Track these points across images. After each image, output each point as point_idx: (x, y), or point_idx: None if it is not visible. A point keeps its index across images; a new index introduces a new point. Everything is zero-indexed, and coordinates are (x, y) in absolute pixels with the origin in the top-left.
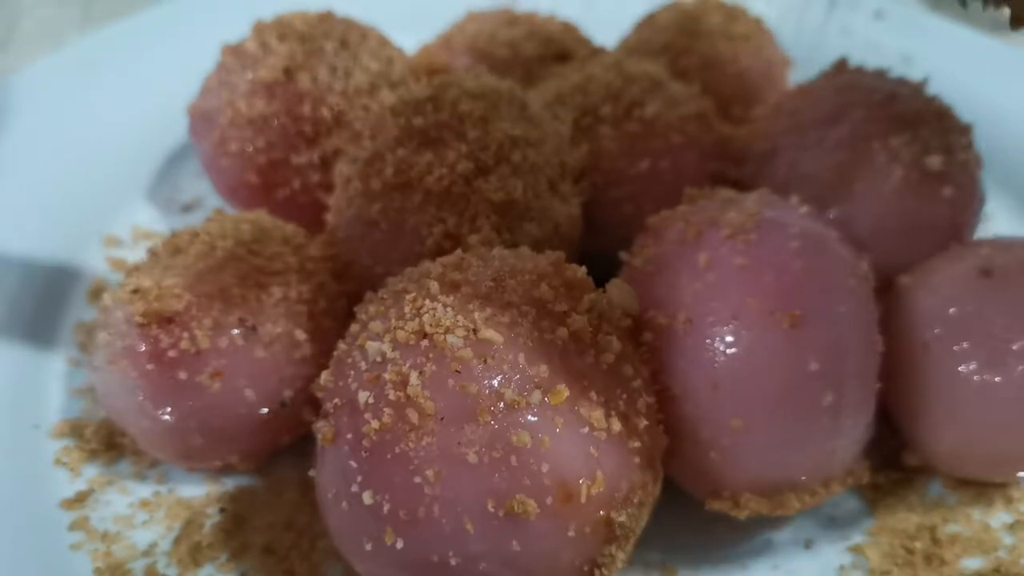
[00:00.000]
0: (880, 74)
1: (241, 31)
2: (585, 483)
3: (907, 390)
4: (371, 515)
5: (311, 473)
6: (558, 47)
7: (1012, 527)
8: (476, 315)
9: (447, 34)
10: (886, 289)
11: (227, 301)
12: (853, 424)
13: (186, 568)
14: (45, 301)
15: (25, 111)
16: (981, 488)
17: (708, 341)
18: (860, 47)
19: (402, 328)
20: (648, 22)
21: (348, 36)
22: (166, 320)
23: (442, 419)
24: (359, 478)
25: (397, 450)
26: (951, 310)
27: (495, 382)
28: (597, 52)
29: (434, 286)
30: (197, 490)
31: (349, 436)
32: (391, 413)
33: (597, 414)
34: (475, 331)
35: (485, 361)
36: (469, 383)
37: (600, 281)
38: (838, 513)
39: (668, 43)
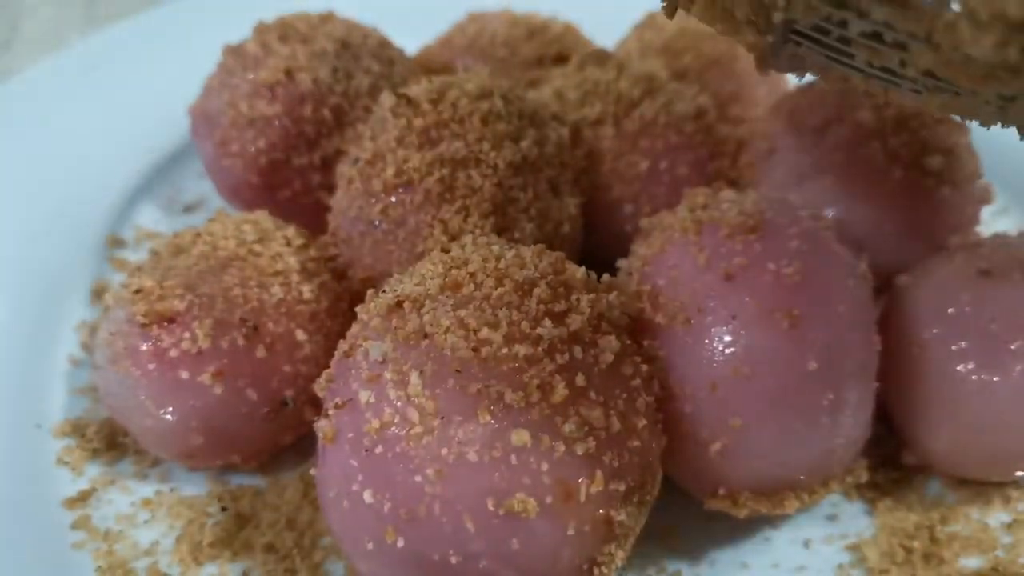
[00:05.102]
0: None
1: (243, 32)
2: (584, 482)
3: (905, 390)
4: (372, 514)
5: (312, 472)
6: (558, 48)
7: (1010, 526)
8: (476, 314)
9: (448, 35)
10: (885, 289)
11: (229, 301)
12: (852, 423)
13: (188, 567)
14: (48, 301)
15: (28, 112)
16: (979, 487)
17: (707, 341)
18: None
19: (403, 327)
20: (648, 23)
21: (349, 37)
22: (168, 320)
23: (442, 418)
24: (360, 477)
25: (398, 449)
26: (949, 310)
27: (494, 381)
28: (597, 52)
29: (434, 285)
30: (199, 489)
31: (350, 435)
32: (392, 412)
33: (596, 413)
34: (475, 331)
35: (485, 360)
36: (469, 382)
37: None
38: (837, 512)
39: (667, 43)
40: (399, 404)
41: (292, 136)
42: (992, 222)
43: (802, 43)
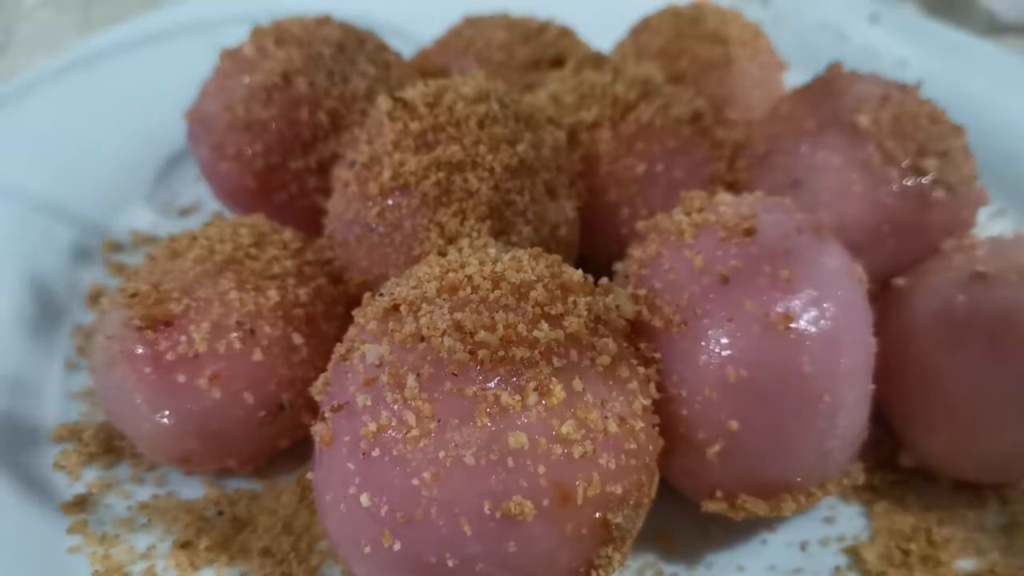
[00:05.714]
0: (875, 78)
1: (239, 36)
2: (581, 485)
3: (902, 392)
4: (369, 517)
5: (309, 476)
6: (554, 51)
7: (1007, 528)
8: (473, 317)
9: (444, 38)
10: (881, 291)
11: (225, 305)
12: (848, 425)
13: (184, 571)
14: (44, 305)
15: (23, 115)
16: (976, 489)
17: (703, 343)
18: (855, 51)
19: (399, 331)
20: (644, 26)
21: (346, 41)
22: (164, 324)
23: (439, 421)
24: (357, 480)
25: (394, 452)
26: (946, 312)
27: (491, 384)
28: (593, 56)
29: (431, 288)
30: (195, 493)
31: (347, 439)
32: (388, 415)
33: (593, 416)
34: (472, 333)
35: (481, 363)
36: (466, 385)
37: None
38: (834, 514)
39: (664, 47)
40: (396, 407)
41: (288, 139)
42: (988, 224)
43: None
